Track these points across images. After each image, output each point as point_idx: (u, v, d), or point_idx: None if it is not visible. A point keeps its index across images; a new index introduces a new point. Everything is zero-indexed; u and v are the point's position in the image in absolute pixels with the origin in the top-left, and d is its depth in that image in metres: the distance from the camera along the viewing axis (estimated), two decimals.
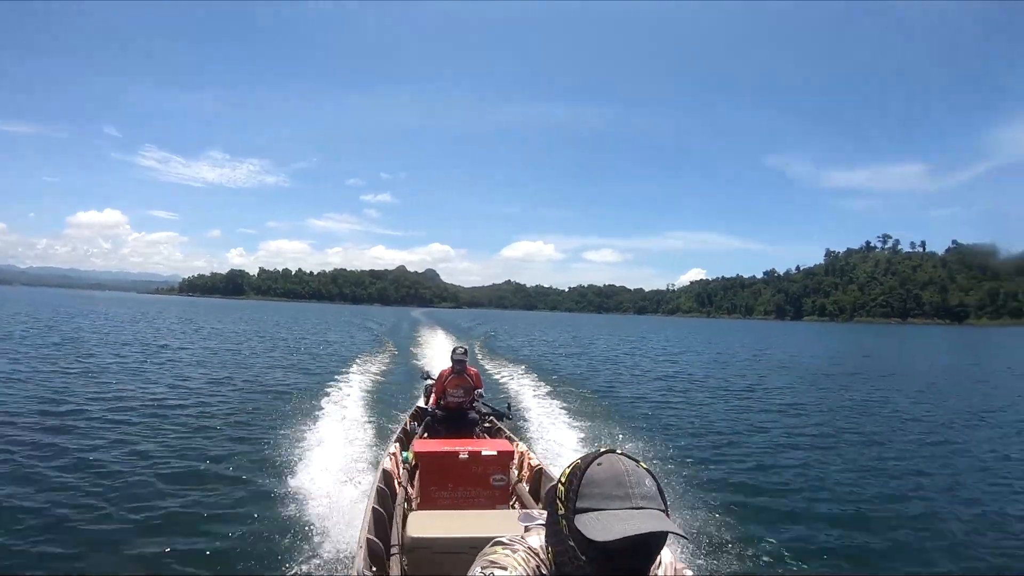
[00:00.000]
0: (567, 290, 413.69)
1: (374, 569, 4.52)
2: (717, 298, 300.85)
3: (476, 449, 6.20)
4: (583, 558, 1.45)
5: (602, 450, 1.56)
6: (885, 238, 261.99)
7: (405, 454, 7.51)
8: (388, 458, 7.02)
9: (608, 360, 34.15)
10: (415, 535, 4.35)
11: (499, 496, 6.18)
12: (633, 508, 1.43)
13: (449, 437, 8.00)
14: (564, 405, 15.71)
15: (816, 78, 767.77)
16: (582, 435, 12.30)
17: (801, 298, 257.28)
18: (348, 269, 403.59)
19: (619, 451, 1.56)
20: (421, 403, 9.99)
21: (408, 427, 9.12)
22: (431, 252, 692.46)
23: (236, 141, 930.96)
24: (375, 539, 4.80)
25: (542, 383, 19.94)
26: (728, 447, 12.87)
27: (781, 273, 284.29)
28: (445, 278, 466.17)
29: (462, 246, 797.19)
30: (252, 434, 11.78)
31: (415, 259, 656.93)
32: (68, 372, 18.53)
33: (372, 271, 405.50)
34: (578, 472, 1.51)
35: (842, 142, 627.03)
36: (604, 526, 1.40)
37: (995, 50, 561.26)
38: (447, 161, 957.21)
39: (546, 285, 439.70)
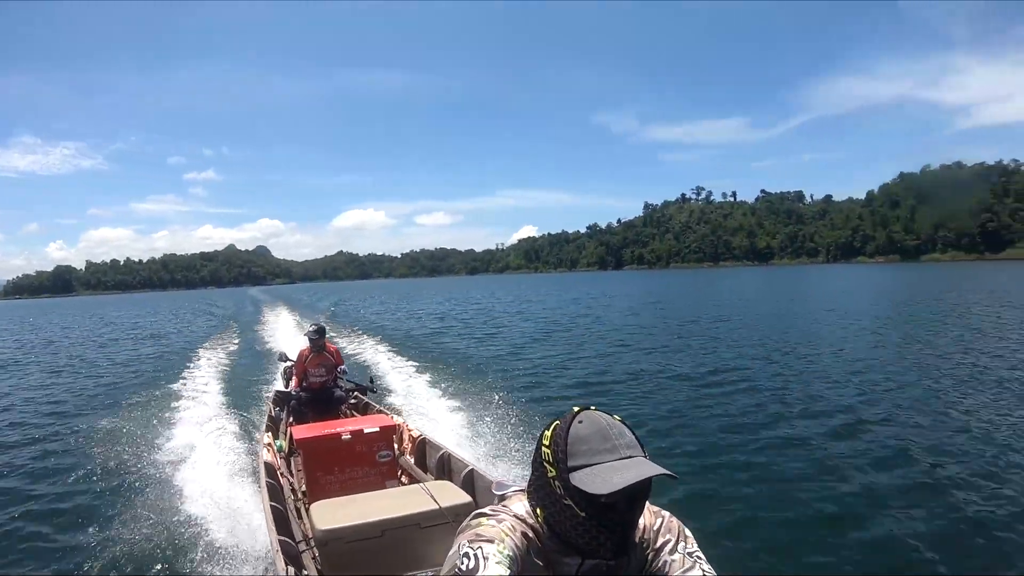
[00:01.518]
0: (400, 256, 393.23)
1: (292, 570, 4.09)
2: (544, 254, 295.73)
3: (358, 427, 6.01)
4: (583, 514, 1.46)
5: (576, 409, 1.56)
6: (699, 190, 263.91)
7: (279, 443, 7.15)
8: (265, 450, 6.55)
9: (454, 320, 34.58)
10: (325, 527, 4.05)
11: (387, 472, 6.02)
12: (623, 458, 1.45)
13: (317, 418, 7.81)
14: (422, 371, 15.27)
15: (642, 36, 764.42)
16: (448, 399, 11.78)
17: (621, 249, 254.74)
18: (178, 254, 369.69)
19: (592, 408, 1.56)
20: (280, 386, 9.74)
21: (273, 413, 8.74)
22: (261, 228, 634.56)
23: (46, 124, 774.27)
24: (286, 539, 4.46)
25: (394, 351, 19.58)
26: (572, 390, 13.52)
27: (603, 226, 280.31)
28: (277, 253, 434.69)
29: (292, 219, 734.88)
30: (113, 445, 9.90)
31: (245, 236, 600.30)
32: None
33: (203, 253, 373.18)
34: (562, 432, 1.51)
35: (667, 98, 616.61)
36: (604, 479, 1.41)
37: (812, 10, 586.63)
38: (271, 133, 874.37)
39: (379, 253, 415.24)
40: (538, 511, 1.57)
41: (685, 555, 1.69)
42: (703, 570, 1.67)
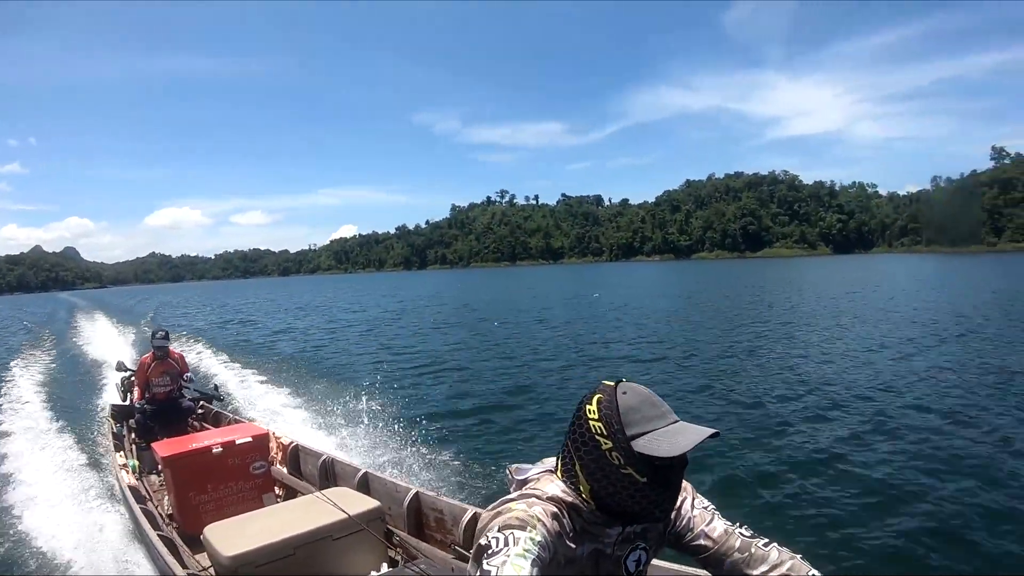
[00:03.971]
0: (213, 257, 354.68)
1: None
2: (354, 254, 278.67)
3: (229, 439, 5.35)
4: (643, 480, 1.42)
5: (609, 382, 1.50)
6: (503, 193, 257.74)
7: (132, 462, 6.42)
8: (123, 472, 5.91)
9: (274, 321, 33.87)
10: (232, 553, 3.48)
11: (263, 485, 5.47)
12: (673, 422, 1.43)
13: (164, 433, 6.93)
14: (260, 374, 14.49)
15: (465, 38, 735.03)
16: (294, 401, 11.41)
17: (426, 250, 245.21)
18: None
19: (623, 379, 1.51)
20: (118, 399, 8.44)
21: (116, 431, 7.71)
22: (69, 227, 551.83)
23: None
24: (191, 571, 4.07)
25: (225, 355, 18.60)
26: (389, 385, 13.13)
27: (412, 227, 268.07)
28: (86, 255, 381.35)
29: (103, 218, 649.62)
30: None
31: (52, 237, 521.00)
32: None
33: (8, 256, 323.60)
34: (610, 406, 1.45)
35: (489, 100, 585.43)
36: (670, 442, 1.38)
37: (633, 22, 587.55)
38: (82, 123, 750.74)
39: (192, 254, 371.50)
40: (582, 487, 1.49)
41: (703, 509, 1.69)
42: (724, 520, 1.67)
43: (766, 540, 1.64)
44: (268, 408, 10.86)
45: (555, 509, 1.45)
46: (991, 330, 17.50)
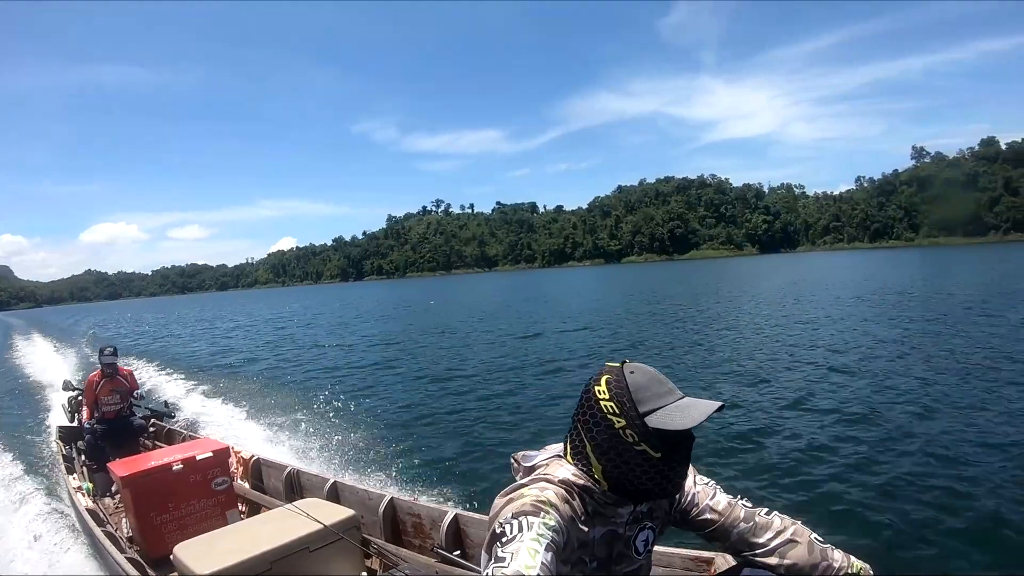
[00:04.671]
0: (151, 274, 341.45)
1: None
2: (291, 267, 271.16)
3: (189, 455, 5.08)
4: (658, 455, 1.42)
5: (614, 364, 1.51)
6: (439, 202, 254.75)
7: (86, 485, 6.16)
8: (79, 496, 5.70)
9: (212, 334, 33.44)
10: (206, 571, 3.30)
11: (226, 501, 5.19)
12: (681, 398, 1.44)
13: (116, 453, 6.67)
14: (208, 388, 14.11)
15: (404, 46, 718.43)
16: (249, 413, 10.95)
17: (362, 261, 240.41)
18: None
19: (627, 360, 1.52)
20: (65, 421, 8.12)
21: (66, 453, 7.27)
22: (2, 245, 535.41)
23: None
24: None
25: (170, 369, 18.45)
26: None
27: (348, 239, 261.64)
28: (20, 274, 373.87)
29: (37, 234, 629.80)
30: None
31: None
32: None
33: None
34: (620, 386, 1.45)
35: (428, 109, 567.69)
36: (683, 414, 1.39)
37: (569, 29, 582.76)
38: (11, 136, 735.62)
39: (129, 270, 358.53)
40: (594, 468, 1.48)
41: (705, 485, 1.71)
42: (726, 494, 1.70)
43: (767, 509, 1.65)
44: (224, 424, 10.39)
45: (567, 492, 1.44)
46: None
